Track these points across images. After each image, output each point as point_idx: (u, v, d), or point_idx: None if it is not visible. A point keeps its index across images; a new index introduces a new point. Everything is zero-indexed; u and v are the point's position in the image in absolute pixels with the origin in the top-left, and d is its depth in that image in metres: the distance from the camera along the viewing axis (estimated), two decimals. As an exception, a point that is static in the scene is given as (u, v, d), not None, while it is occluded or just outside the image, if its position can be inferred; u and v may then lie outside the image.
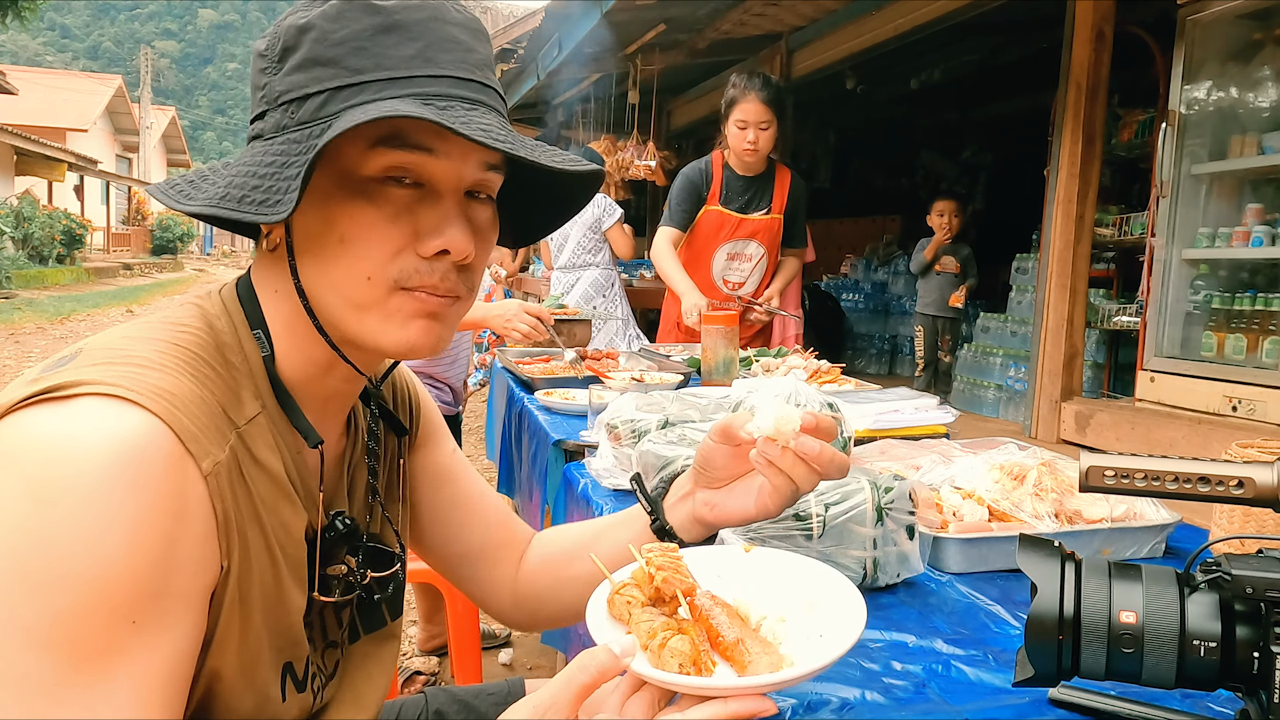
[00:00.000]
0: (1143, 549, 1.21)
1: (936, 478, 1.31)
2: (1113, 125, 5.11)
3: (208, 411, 0.71)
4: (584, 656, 0.66)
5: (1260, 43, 3.77)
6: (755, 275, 3.57)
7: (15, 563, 0.61)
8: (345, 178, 0.75)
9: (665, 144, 8.57)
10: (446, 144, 0.76)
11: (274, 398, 0.80)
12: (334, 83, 0.74)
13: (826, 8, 5.76)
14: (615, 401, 1.64)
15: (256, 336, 0.80)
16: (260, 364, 0.80)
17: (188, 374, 0.72)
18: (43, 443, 0.63)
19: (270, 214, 0.71)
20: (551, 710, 0.65)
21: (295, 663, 0.82)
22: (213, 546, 0.69)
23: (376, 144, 0.74)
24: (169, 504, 0.65)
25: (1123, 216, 5.05)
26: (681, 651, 0.69)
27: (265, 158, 0.75)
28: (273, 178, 0.73)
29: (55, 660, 0.60)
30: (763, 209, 3.50)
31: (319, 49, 0.75)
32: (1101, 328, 5.03)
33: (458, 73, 0.77)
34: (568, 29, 6.40)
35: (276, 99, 0.77)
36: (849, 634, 0.71)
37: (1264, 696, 0.61)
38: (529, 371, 2.65)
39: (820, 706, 0.81)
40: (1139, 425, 3.80)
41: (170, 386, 0.69)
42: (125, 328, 0.76)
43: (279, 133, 0.76)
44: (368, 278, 0.76)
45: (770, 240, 3.52)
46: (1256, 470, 0.65)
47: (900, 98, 7.89)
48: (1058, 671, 0.66)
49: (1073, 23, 4.14)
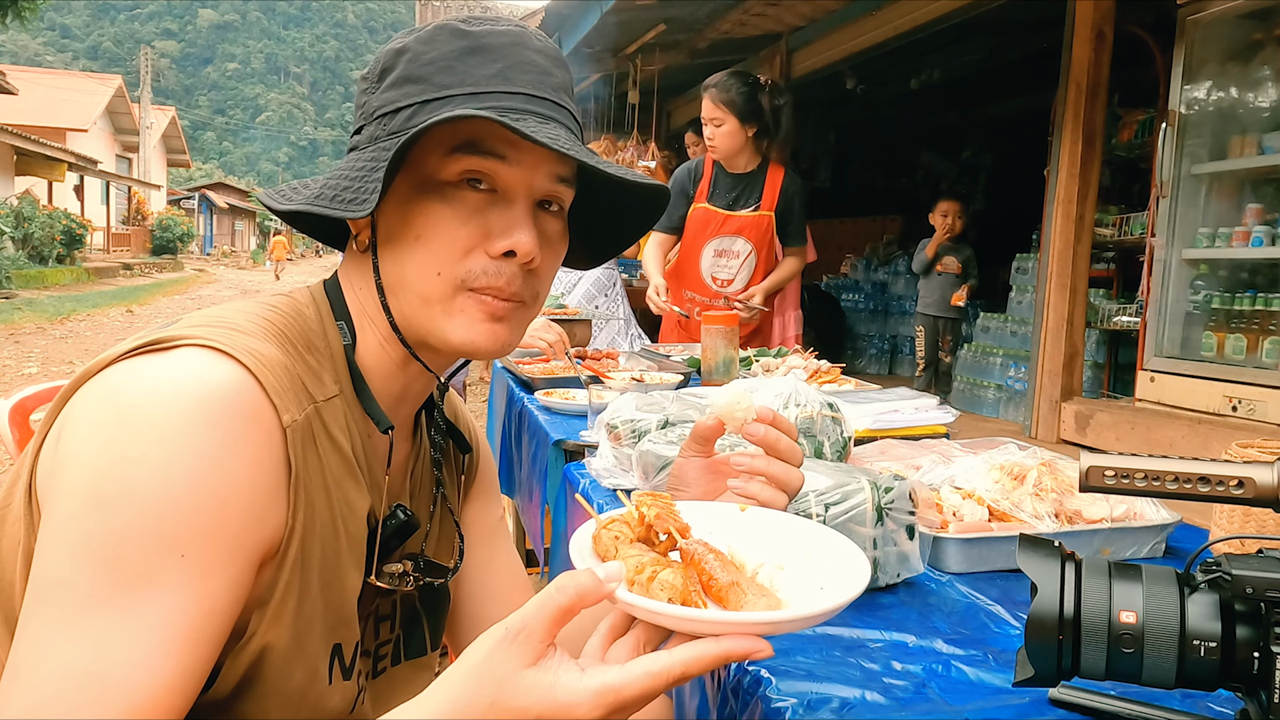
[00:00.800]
0: (1143, 549, 1.21)
1: (936, 478, 1.31)
2: (1113, 125, 5.11)
3: (291, 377, 0.77)
4: (563, 578, 0.62)
5: (1260, 43, 3.77)
6: (744, 272, 3.54)
7: (90, 478, 0.66)
8: (426, 181, 0.82)
9: (665, 144, 8.56)
10: (519, 152, 0.82)
11: (350, 383, 0.85)
12: (422, 97, 0.82)
13: (826, 8, 5.76)
14: (615, 401, 1.64)
15: (340, 326, 0.87)
16: (341, 350, 0.86)
17: (275, 343, 0.78)
18: (141, 381, 0.69)
19: (356, 210, 0.78)
20: (524, 635, 0.61)
21: (344, 646, 0.83)
22: (281, 501, 0.73)
23: (454, 150, 0.80)
24: (246, 448, 0.70)
25: (1123, 216, 5.05)
26: (671, 584, 0.64)
27: (358, 164, 0.83)
28: (363, 179, 0.80)
29: (100, 575, 0.64)
30: (751, 205, 3.48)
31: (412, 68, 0.83)
32: (1101, 328, 5.03)
33: (534, 91, 0.83)
34: (568, 29, 6.40)
35: (373, 113, 0.85)
36: (852, 585, 0.67)
37: (1264, 696, 0.61)
38: (529, 371, 2.65)
39: (820, 706, 0.81)
40: (1139, 425, 3.80)
41: (261, 349, 0.75)
42: (219, 307, 0.83)
43: (372, 143, 0.84)
44: (438, 273, 0.82)
45: (759, 237, 3.49)
46: (1256, 470, 0.65)
47: (900, 98, 7.88)
48: (1058, 671, 0.66)
49: (1073, 23, 4.14)
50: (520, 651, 0.60)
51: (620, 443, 1.54)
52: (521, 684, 0.59)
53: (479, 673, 0.61)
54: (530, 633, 0.60)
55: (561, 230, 0.90)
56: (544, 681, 0.59)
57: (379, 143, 0.83)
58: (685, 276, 3.60)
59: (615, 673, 0.59)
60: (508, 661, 0.60)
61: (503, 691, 0.59)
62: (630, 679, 0.59)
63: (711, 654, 0.59)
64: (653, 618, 0.62)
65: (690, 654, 0.60)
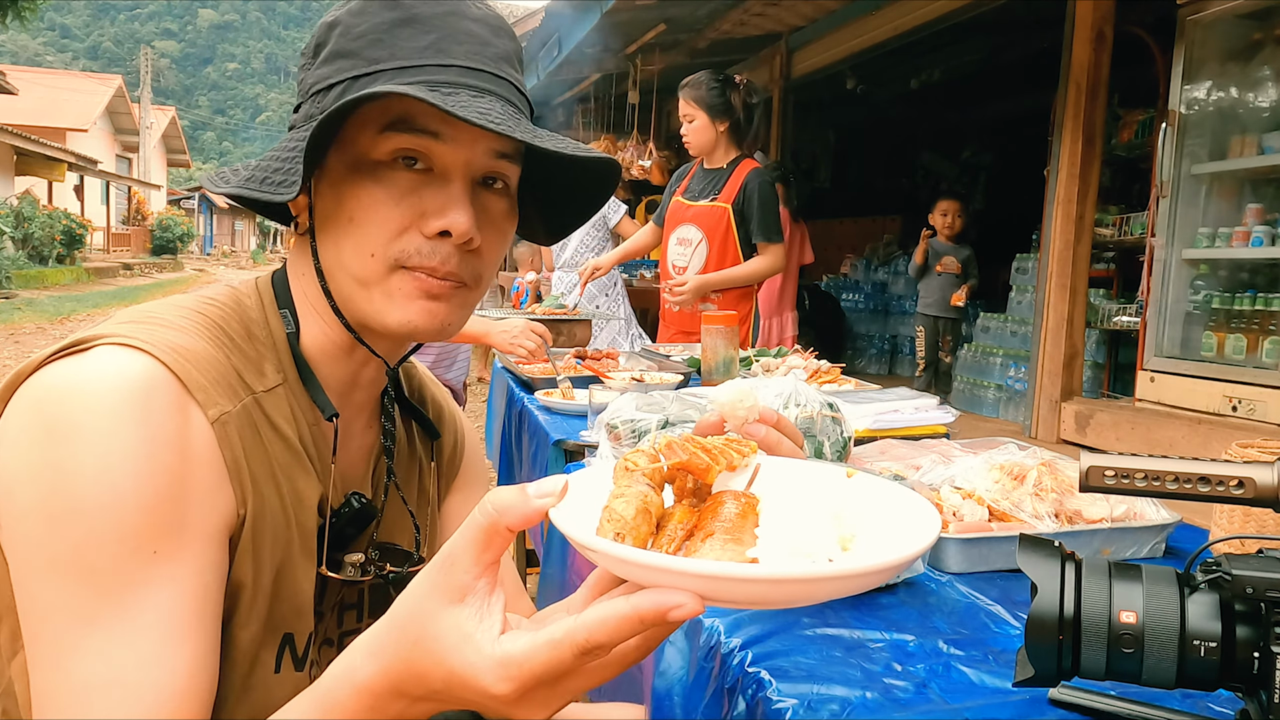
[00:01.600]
0: (1143, 549, 1.21)
1: (936, 478, 1.31)
2: (1113, 125, 5.11)
3: (219, 370, 0.76)
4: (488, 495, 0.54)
5: (1260, 43, 3.77)
6: (695, 260, 3.60)
7: (38, 499, 0.66)
8: (358, 161, 0.79)
9: (665, 144, 8.56)
10: (453, 129, 0.79)
11: (295, 371, 0.84)
12: (352, 72, 0.79)
13: (826, 8, 5.76)
14: (615, 401, 1.64)
15: (283, 314, 0.86)
16: (284, 340, 0.85)
17: (204, 337, 0.77)
18: (60, 387, 0.68)
19: (282, 193, 0.77)
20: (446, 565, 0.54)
21: (297, 636, 0.82)
22: (226, 490, 0.73)
23: (385, 129, 0.78)
24: (173, 440, 0.69)
25: (1123, 216, 5.05)
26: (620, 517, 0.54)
27: (291, 144, 0.81)
28: (293, 161, 0.78)
29: (82, 590, 0.64)
30: (709, 197, 3.57)
31: (343, 42, 0.81)
32: (1101, 328, 5.03)
33: (469, 63, 0.80)
34: (568, 29, 6.40)
35: (308, 91, 0.83)
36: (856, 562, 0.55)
37: (1264, 696, 0.61)
38: (529, 372, 2.65)
39: (820, 706, 0.81)
40: (1139, 425, 3.80)
41: (182, 343, 0.74)
42: (154, 302, 0.82)
43: (307, 121, 0.82)
44: (371, 255, 0.80)
45: (710, 226, 3.54)
46: (1256, 470, 0.65)
47: (900, 98, 7.89)
48: (1058, 671, 0.66)
49: (1073, 23, 4.14)
50: (446, 584, 0.54)
51: (620, 443, 1.54)
52: (444, 624, 0.54)
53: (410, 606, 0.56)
54: (454, 562, 0.54)
55: (507, 208, 0.87)
56: (462, 630, 0.53)
57: (313, 120, 0.80)
58: (662, 267, 3.80)
59: (523, 642, 0.52)
60: (433, 594, 0.54)
61: (426, 630, 0.54)
62: (532, 650, 0.51)
63: (620, 613, 0.50)
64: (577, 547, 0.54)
65: (595, 615, 0.50)
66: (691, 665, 1.04)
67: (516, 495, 0.53)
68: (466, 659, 0.52)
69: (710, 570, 0.49)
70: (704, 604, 0.49)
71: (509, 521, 0.53)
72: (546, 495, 0.53)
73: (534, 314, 3.82)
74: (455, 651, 0.53)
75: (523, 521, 0.53)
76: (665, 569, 0.49)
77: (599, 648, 0.50)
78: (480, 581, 0.54)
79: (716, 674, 0.95)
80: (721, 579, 0.49)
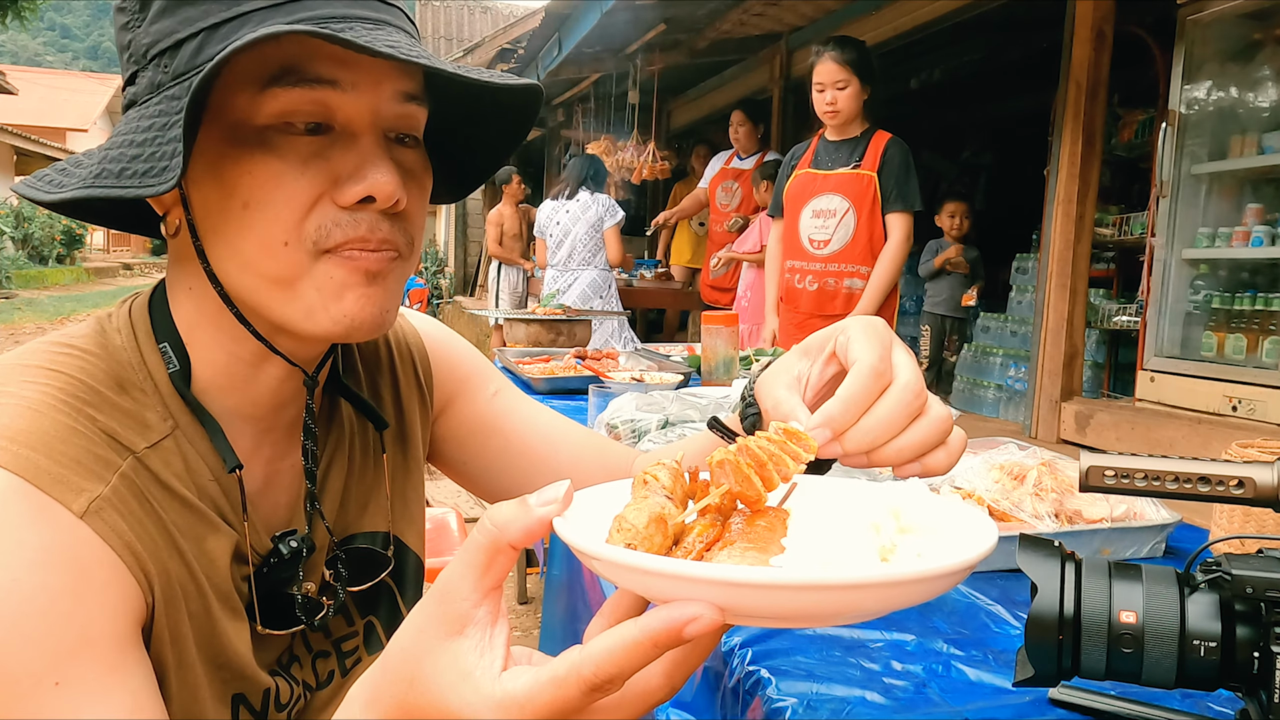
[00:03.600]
0: (1143, 549, 1.21)
1: (936, 478, 1.31)
2: (1113, 125, 5.11)
3: (80, 444, 0.63)
4: (487, 513, 0.49)
5: (1260, 43, 3.77)
6: (841, 232, 3.33)
7: None
8: (238, 131, 0.64)
9: (665, 144, 8.56)
10: (353, 73, 0.65)
11: (189, 415, 0.71)
12: (207, 20, 0.63)
13: (826, 8, 5.76)
14: (615, 401, 1.64)
15: (162, 350, 0.71)
16: (167, 381, 0.70)
17: (55, 406, 0.64)
18: None
19: (155, 184, 0.60)
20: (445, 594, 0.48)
21: (250, 695, 0.73)
22: (127, 583, 0.62)
23: (269, 84, 0.63)
24: (42, 556, 0.58)
25: (1123, 216, 5.05)
26: (631, 526, 0.49)
27: (142, 122, 0.64)
28: (154, 143, 0.62)
29: None
30: (851, 165, 3.34)
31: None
32: (1101, 328, 5.03)
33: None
34: (568, 29, 6.40)
35: (145, 54, 0.66)
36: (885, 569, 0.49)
37: (1264, 696, 0.61)
38: (529, 372, 2.65)
39: (820, 706, 0.81)
40: (1139, 425, 3.80)
41: (26, 427, 0.61)
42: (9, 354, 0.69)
43: (155, 92, 0.65)
44: (284, 243, 0.65)
45: (857, 194, 3.30)
46: (1256, 470, 0.65)
47: (900, 98, 7.88)
48: (1058, 671, 0.66)
49: (1073, 23, 4.14)
50: (443, 614, 0.48)
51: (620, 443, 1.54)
52: (441, 659, 0.48)
53: (405, 642, 0.50)
54: (452, 591, 0.48)
55: (422, 161, 0.73)
56: (460, 666, 0.47)
57: (164, 90, 0.64)
58: (787, 246, 3.50)
59: (525, 679, 0.46)
60: (429, 627, 0.49)
61: (422, 667, 0.49)
62: (535, 688, 0.46)
63: (629, 639, 0.44)
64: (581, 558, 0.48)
65: (601, 646, 0.45)
66: (691, 665, 1.03)
67: (517, 508, 0.48)
68: (465, 699, 0.47)
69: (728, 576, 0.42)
70: (724, 615, 0.43)
71: (511, 537, 0.47)
72: (549, 504, 0.48)
73: (534, 314, 3.83)
74: (453, 691, 0.47)
75: (526, 536, 0.48)
76: (675, 575, 0.43)
77: (609, 682, 0.45)
78: (480, 610, 0.48)
79: (717, 673, 0.95)
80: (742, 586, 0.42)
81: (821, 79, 3.29)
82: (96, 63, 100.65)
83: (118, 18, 0.69)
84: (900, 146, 3.31)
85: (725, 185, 5.90)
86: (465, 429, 0.98)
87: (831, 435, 0.60)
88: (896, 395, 0.61)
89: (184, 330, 0.72)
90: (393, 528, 0.88)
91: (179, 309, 0.72)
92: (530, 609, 3.41)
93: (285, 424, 0.79)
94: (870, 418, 0.60)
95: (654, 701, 0.51)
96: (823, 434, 0.60)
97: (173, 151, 0.60)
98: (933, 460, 0.62)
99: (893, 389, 0.61)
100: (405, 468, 0.92)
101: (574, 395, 2.45)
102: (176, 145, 0.60)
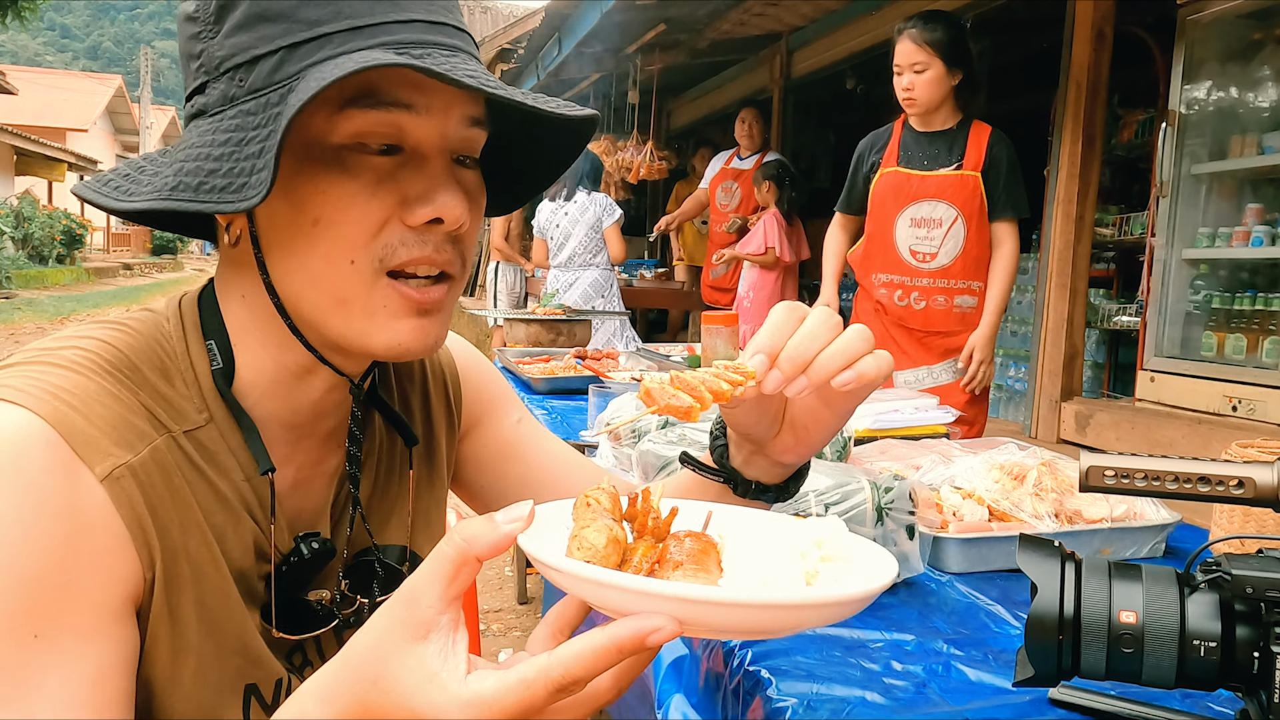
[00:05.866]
0: (1143, 549, 1.21)
1: (936, 478, 1.31)
2: (1113, 125, 5.11)
3: (117, 413, 0.65)
4: (455, 527, 0.53)
5: (1260, 43, 3.77)
6: (950, 244, 2.88)
7: None
8: (313, 149, 0.66)
9: (665, 144, 8.56)
10: (427, 97, 0.67)
11: (226, 413, 0.72)
12: (287, 39, 0.64)
13: (826, 8, 5.76)
14: (615, 401, 1.64)
15: (208, 347, 0.72)
16: (209, 378, 0.72)
17: (102, 374, 0.66)
18: None
19: (237, 200, 0.61)
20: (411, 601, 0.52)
21: (261, 685, 0.73)
22: (127, 555, 0.63)
23: (346, 105, 0.65)
24: (53, 508, 0.59)
25: (1123, 216, 5.05)
26: (593, 546, 0.54)
27: (217, 135, 0.65)
28: (230, 158, 0.63)
29: None
30: (952, 165, 2.88)
31: (264, 2, 0.65)
32: (1101, 328, 5.03)
33: (428, 16, 0.68)
34: (568, 29, 6.40)
35: (218, 67, 0.67)
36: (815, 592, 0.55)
37: (1264, 696, 0.61)
38: (529, 372, 2.65)
39: (820, 706, 0.81)
40: (1139, 425, 3.80)
41: (67, 386, 0.63)
42: (70, 328, 0.72)
43: (227, 105, 0.66)
44: (350, 261, 0.67)
45: (965, 199, 2.86)
46: (1256, 470, 0.65)
47: (900, 98, 7.89)
48: (1058, 671, 0.66)
49: (1073, 23, 4.14)
50: (408, 619, 0.51)
51: (620, 443, 1.54)
52: (406, 663, 0.51)
53: (369, 642, 0.53)
54: (417, 598, 0.51)
55: (479, 181, 0.75)
56: (425, 669, 0.50)
57: (238, 104, 0.65)
58: (875, 257, 3.00)
59: (492, 681, 0.49)
60: (394, 631, 0.52)
61: (386, 668, 0.51)
62: (503, 689, 0.49)
63: (597, 645, 0.48)
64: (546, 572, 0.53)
65: (571, 651, 0.49)
66: (693, 664, 1.04)
67: (485, 524, 0.52)
68: (431, 699, 0.50)
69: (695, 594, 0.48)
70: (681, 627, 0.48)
71: (478, 551, 0.51)
72: (515, 521, 0.52)
73: (534, 314, 3.83)
74: (418, 692, 0.50)
75: (491, 550, 0.51)
76: (647, 592, 0.48)
77: (575, 683, 0.49)
78: (445, 617, 0.51)
79: (718, 674, 0.95)
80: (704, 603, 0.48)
81: (899, 61, 2.86)
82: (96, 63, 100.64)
83: (187, 26, 0.69)
84: (1006, 144, 2.89)
85: (725, 185, 5.92)
86: (488, 453, 0.99)
87: (767, 358, 0.66)
88: (815, 317, 0.68)
89: (233, 334, 0.73)
90: (411, 543, 0.89)
91: (229, 313, 0.74)
92: (530, 609, 3.41)
93: (321, 432, 0.80)
94: (796, 337, 0.67)
95: (603, 703, 0.55)
96: (759, 359, 0.66)
97: (251, 169, 0.62)
98: (864, 365, 0.67)
99: (810, 315, 0.68)
100: (430, 484, 0.92)
101: (574, 395, 2.45)
102: (255, 162, 0.61)
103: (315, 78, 0.60)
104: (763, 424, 0.76)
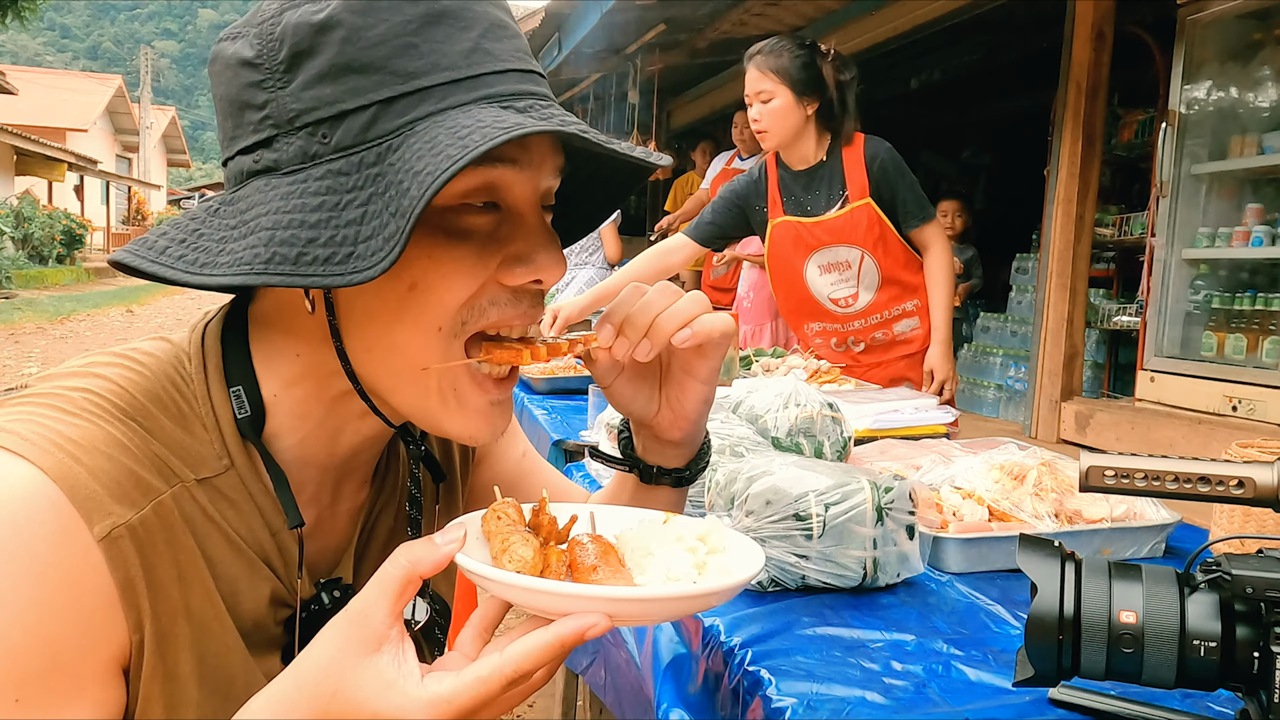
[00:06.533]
0: (1143, 549, 1.21)
1: (936, 478, 1.31)
2: (1113, 125, 5.11)
3: (126, 462, 0.62)
4: (399, 549, 0.57)
5: (1260, 43, 3.77)
6: (867, 279, 2.67)
7: None
8: None
9: (665, 144, 8.56)
10: (527, 152, 0.65)
11: (249, 460, 0.69)
12: (381, 93, 0.60)
13: (826, 8, 5.76)
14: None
15: (234, 394, 0.68)
16: (231, 422, 0.68)
17: (113, 419, 0.63)
18: None
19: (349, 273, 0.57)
20: (362, 618, 0.56)
21: None
22: (114, 617, 0.60)
23: None
24: (53, 580, 0.57)
25: (1123, 216, 5.05)
26: (523, 558, 0.60)
27: (307, 200, 0.60)
28: (329, 225, 0.58)
29: None
30: (837, 202, 2.63)
31: (352, 51, 0.60)
32: (1101, 328, 5.03)
33: (519, 64, 0.65)
34: (567, 29, 6.41)
35: (292, 120, 0.61)
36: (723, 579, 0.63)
37: (1264, 696, 0.61)
38: (529, 372, 2.65)
39: (820, 706, 0.81)
40: (1139, 425, 3.80)
41: (77, 435, 0.60)
42: (84, 356, 0.69)
43: (309, 162, 0.61)
44: (439, 328, 0.64)
45: (863, 235, 2.62)
46: (1256, 470, 0.65)
47: (900, 98, 7.88)
48: (1058, 671, 0.66)
49: (1073, 23, 4.14)
50: (361, 636, 0.56)
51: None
52: (363, 675, 0.55)
53: (323, 661, 0.57)
54: (368, 616, 0.56)
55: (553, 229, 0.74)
56: (383, 678, 0.55)
57: (324, 162, 0.60)
58: (801, 309, 2.82)
59: (449, 683, 0.55)
60: (348, 649, 0.56)
61: (345, 681, 0.55)
62: (461, 688, 0.55)
63: (544, 643, 0.55)
64: (488, 585, 0.59)
65: (521, 649, 0.55)
66: (692, 665, 1.04)
67: (425, 545, 0.57)
68: (393, 703, 0.55)
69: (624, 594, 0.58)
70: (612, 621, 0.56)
71: (422, 570, 0.56)
72: (452, 541, 0.58)
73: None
74: (379, 698, 0.55)
75: (434, 568, 0.57)
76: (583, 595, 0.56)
77: (525, 676, 0.55)
78: (394, 630, 0.56)
79: (717, 674, 0.95)
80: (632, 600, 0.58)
81: (746, 90, 2.63)
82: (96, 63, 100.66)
83: (246, 73, 0.63)
84: (885, 151, 2.64)
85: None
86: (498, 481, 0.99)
87: (612, 328, 0.73)
88: (655, 288, 0.75)
89: (273, 386, 0.70)
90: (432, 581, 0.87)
91: (271, 367, 0.70)
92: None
93: (352, 470, 0.78)
94: (637, 306, 0.74)
95: (534, 689, 0.61)
96: (605, 328, 0.73)
97: (356, 236, 0.58)
98: (700, 323, 0.74)
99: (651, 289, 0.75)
100: (449, 517, 0.91)
101: (574, 395, 2.46)
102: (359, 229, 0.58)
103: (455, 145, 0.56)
104: (639, 400, 0.81)
